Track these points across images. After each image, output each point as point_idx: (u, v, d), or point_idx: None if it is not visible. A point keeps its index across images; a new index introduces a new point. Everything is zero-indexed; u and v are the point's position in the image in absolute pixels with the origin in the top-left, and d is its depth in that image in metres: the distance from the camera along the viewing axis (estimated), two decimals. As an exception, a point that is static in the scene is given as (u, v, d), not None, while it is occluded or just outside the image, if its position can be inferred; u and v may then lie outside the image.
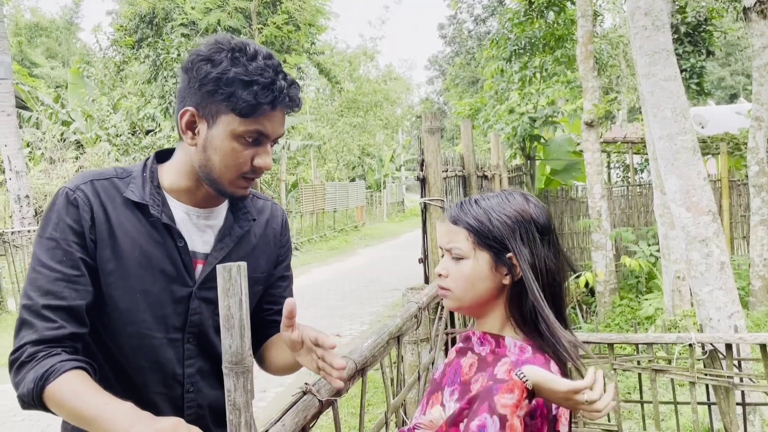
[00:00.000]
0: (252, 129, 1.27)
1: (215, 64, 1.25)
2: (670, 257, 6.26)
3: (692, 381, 2.73)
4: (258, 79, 1.24)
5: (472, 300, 1.31)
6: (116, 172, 1.37)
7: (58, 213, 1.28)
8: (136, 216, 1.33)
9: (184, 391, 1.39)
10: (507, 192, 1.34)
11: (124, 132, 17.54)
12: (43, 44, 39.54)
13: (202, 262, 1.39)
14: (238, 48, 1.27)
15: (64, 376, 1.16)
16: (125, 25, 19.65)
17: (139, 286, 1.32)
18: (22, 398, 1.19)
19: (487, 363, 1.27)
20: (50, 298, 1.22)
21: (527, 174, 9.50)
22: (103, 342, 1.34)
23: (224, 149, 1.29)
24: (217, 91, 1.25)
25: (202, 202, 1.40)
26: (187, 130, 1.31)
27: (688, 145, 4.08)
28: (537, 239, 1.28)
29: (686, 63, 9.13)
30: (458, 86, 37.34)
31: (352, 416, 4.89)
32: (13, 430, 5.13)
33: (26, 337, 1.20)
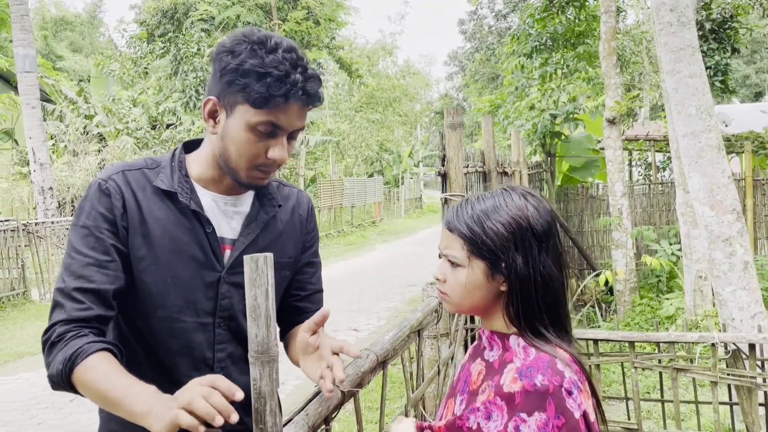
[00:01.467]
0: (265, 120, 1.29)
1: (235, 55, 1.29)
2: (692, 256, 6.19)
3: (714, 381, 2.70)
4: (272, 71, 1.26)
5: (470, 306, 1.30)
6: (146, 163, 1.42)
7: (91, 202, 1.33)
8: (166, 204, 1.37)
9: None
10: (506, 192, 1.29)
11: (143, 126, 17.72)
12: (67, 38, 40.07)
13: (230, 248, 1.42)
14: (259, 41, 1.29)
15: (91, 357, 1.19)
16: (147, 20, 19.84)
17: (170, 272, 1.36)
18: (51, 378, 1.22)
19: (494, 370, 1.25)
20: (81, 282, 1.26)
21: (547, 171, 9.43)
22: (135, 325, 1.38)
23: (239, 139, 1.32)
24: (235, 82, 1.28)
25: (228, 190, 1.44)
26: (209, 118, 1.36)
27: (713, 143, 4.03)
28: (533, 246, 1.23)
29: (711, 60, 8.99)
30: (478, 82, 37.16)
31: (370, 410, 4.91)
32: (36, 418, 5.22)
33: (56, 317, 1.25)
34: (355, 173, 29.44)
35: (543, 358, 1.18)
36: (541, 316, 1.23)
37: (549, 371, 1.15)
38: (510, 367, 1.21)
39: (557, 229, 1.29)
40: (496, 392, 1.18)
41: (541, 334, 1.23)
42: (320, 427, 1.30)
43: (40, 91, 14.42)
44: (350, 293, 10.50)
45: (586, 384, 1.20)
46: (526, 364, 1.19)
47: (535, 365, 1.17)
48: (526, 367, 1.18)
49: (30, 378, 6.32)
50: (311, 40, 20.64)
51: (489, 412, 1.18)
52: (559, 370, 1.16)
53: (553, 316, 1.25)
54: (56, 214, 13.07)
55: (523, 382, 1.15)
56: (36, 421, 5.12)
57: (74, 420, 5.13)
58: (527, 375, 1.16)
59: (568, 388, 1.14)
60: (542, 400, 1.13)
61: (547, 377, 1.14)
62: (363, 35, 79.47)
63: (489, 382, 1.23)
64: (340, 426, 4.64)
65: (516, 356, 1.22)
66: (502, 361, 1.24)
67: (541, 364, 1.17)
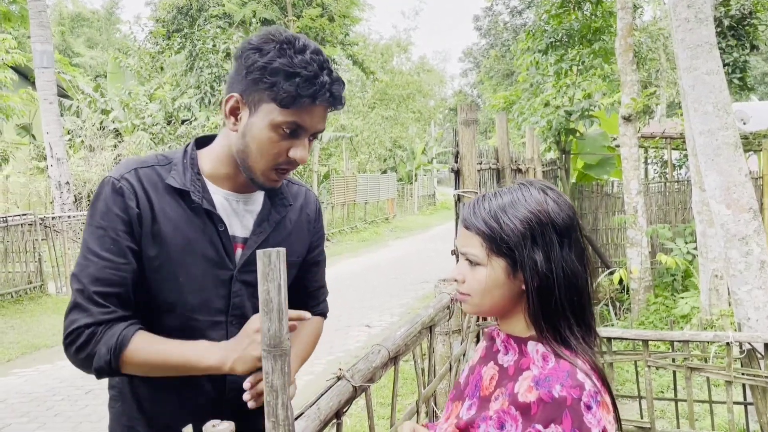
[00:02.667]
0: (290, 120, 1.29)
1: (263, 53, 1.29)
2: (708, 255, 6.13)
3: (728, 380, 2.68)
4: (301, 72, 1.26)
5: (490, 307, 1.24)
6: (157, 160, 1.41)
7: (106, 202, 1.33)
8: (178, 202, 1.37)
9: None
10: (524, 186, 1.24)
11: (159, 121, 17.85)
12: (84, 34, 40.41)
13: (241, 246, 1.43)
14: (287, 41, 1.30)
15: (135, 338, 1.27)
16: (163, 17, 19.95)
17: (182, 271, 1.36)
18: (99, 370, 1.28)
19: (509, 376, 1.20)
20: (100, 285, 1.28)
21: (562, 168, 9.37)
22: (149, 322, 1.38)
23: (262, 138, 1.31)
24: (262, 80, 1.28)
25: (241, 188, 1.44)
26: (230, 115, 1.35)
27: (730, 141, 3.99)
28: (555, 241, 1.18)
29: (729, 57, 8.88)
30: (492, 79, 36.98)
31: (381, 406, 4.91)
32: (53, 410, 5.29)
33: (80, 320, 1.27)
34: (369, 170, 29.44)
35: (563, 366, 1.13)
36: (565, 315, 1.18)
37: (568, 381, 1.10)
38: (526, 375, 1.16)
39: (579, 223, 1.24)
40: (511, 401, 1.14)
41: (563, 337, 1.18)
42: (331, 421, 1.31)
43: (58, 87, 14.56)
44: (363, 290, 10.52)
45: (606, 395, 1.14)
46: (545, 373, 1.13)
47: (554, 375, 1.12)
48: (544, 377, 1.12)
49: (46, 370, 6.40)
50: (325, 37, 20.65)
51: (502, 422, 1.14)
52: (579, 381, 1.10)
53: (578, 314, 1.20)
54: (73, 208, 13.21)
55: (539, 392, 1.10)
56: (52, 413, 5.19)
57: (90, 411, 5.19)
58: (545, 385, 1.11)
59: (587, 402, 1.09)
60: (559, 412, 1.08)
61: (566, 388, 1.09)
62: (377, 31, 79.32)
63: (502, 389, 1.18)
64: (352, 421, 4.66)
65: (533, 364, 1.17)
66: (517, 368, 1.19)
67: (560, 373, 1.12)
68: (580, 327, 1.20)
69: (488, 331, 1.37)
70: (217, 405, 1.41)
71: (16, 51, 10.91)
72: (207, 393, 1.41)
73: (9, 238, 9.84)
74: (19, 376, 6.26)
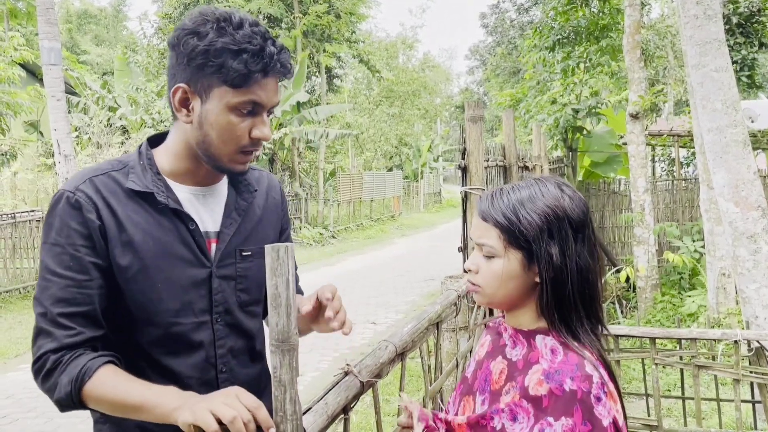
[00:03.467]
0: (246, 99, 1.25)
1: (201, 36, 1.22)
2: (716, 253, 6.11)
3: (736, 378, 2.67)
4: (247, 47, 1.21)
5: (503, 298, 1.26)
6: (111, 165, 1.34)
7: (61, 217, 1.25)
8: (143, 206, 1.30)
9: (218, 372, 1.38)
10: (541, 181, 1.26)
11: (167, 118, 17.88)
12: (91, 31, 40.54)
13: (215, 241, 1.38)
14: (224, 18, 1.24)
15: (99, 372, 1.18)
16: (170, 13, 19.99)
17: (159, 276, 1.29)
18: (60, 402, 1.20)
19: (518, 370, 1.21)
20: (63, 306, 1.21)
21: (569, 166, 9.35)
22: (131, 337, 1.32)
23: (220, 123, 1.26)
24: (207, 64, 1.22)
25: (203, 181, 1.39)
26: (180, 107, 1.29)
27: (738, 138, 3.97)
28: (570, 236, 1.20)
29: (737, 55, 8.83)
30: (499, 76, 36.89)
31: (387, 403, 4.92)
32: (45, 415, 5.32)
33: (45, 346, 1.21)
34: (375, 167, 29.45)
35: (571, 359, 1.15)
36: (576, 307, 1.20)
37: (578, 375, 1.12)
38: (536, 368, 1.18)
39: (591, 219, 1.26)
40: (522, 394, 1.16)
41: (572, 329, 1.20)
42: (339, 416, 1.31)
43: (65, 84, 14.60)
44: (368, 287, 10.52)
45: (611, 384, 1.17)
46: (554, 366, 1.15)
47: (564, 368, 1.14)
48: (554, 370, 1.14)
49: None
50: (332, 34, 20.64)
51: (515, 414, 1.16)
52: (587, 374, 1.13)
53: (588, 307, 1.22)
54: (80, 205, 13.25)
55: (550, 386, 1.13)
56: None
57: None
58: (555, 378, 1.13)
59: (597, 394, 1.11)
60: (569, 406, 1.10)
61: (576, 382, 1.11)
62: (384, 29, 79.19)
63: (513, 382, 1.20)
64: (358, 418, 4.67)
65: (542, 357, 1.19)
66: (526, 361, 1.21)
67: (570, 367, 1.14)
68: (590, 320, 1.22)
69: (493, 326, 1.38)
70: None
71: (24, 48, 10.95)
72: None
73: (17, 234, 9.90)
74: (27, 372, 6.29)
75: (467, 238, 3.85)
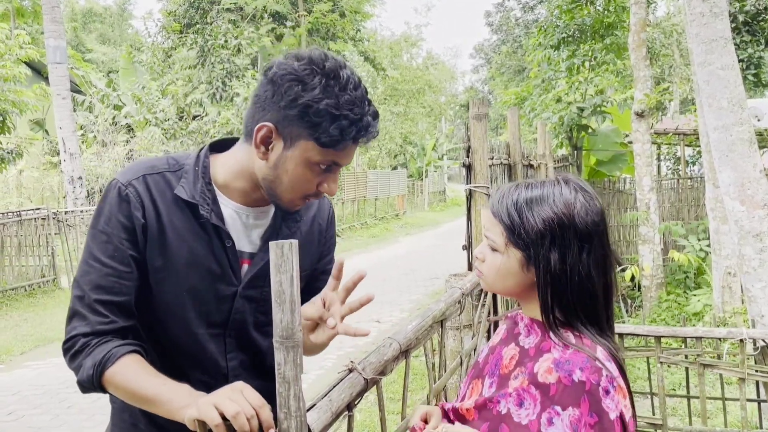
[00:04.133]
0: (329, 159, 1.26)
1: (307, 88, 1.21)
2: (721, 252, 6.09)
3: (742, 377, 2.66)
4: (348, 114, 1.22)
5: (502, 290, 1.30)
6: (168, 165, 1.36)
7: (110, 208, 1.29)
8: (185, 214, 1.32)
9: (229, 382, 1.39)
10: (559, 183, 1.24)
11: (171, 117, 17.93)
12: (96, 30, 40.65)
13: (248, 262, 1.39)
14: (333, 74, 1.23)
15: (121, 360, 1.21)
16: (174, 10, 20.01)
17: (186, 284, 1.33)
18: (81, 383, 1.25)
19: (529, 357, 1.22)
20: (101, 293, 1.25)
21: (573, 164, 9.33)
22: (152, 331, 1.37)
23: (296, 173, 1.28)
24: (304, 118, 1.22)
25: (253, 202, 1.39)
26: (260, 144, 1.28)
27: (744, 137, 3.95)
28: (574, 245, 1.18)
29: (743, 53, 8.79)
30: (504, 75, 36.84)
31: (391, 401, 4.92)
32: (66, 402, 5.34)
33: (78, 328, 1.25)
34: (379, 166, 29.42)
35: (582, 352, 1.15)
36: (576, 314, 1.20)
37: (588, 366, 1.12)
38: (547, 357, 1.18)
39: (605, 228, 1.24)
40: (531, 380, 1.16)
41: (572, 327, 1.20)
42: (343, 413, 1.31)
43: (71, 82, 14.66)
44: (373, 285, 10.53)
45: (621, 380, 1.16)
46: (565, 357, 1.15)
47: (574, 359, 1.14)
48: (565, 360, 1.14)
49: (59, 363, 6.44)
50: (336, 32, 20.64)
51: (521, 399, 1.16)
52: (597, 367, 1.12)
53: (591, 317, 1.21)
54: (85, 203, 13.31)
55: (559, 374, 1.13)
56: (66, 405, 5.24)
57: (103, 403, 5.22)
58: (565, 368, 1.13)
59: (605, 387, 1.11)
60: (577, 396, 1.11)
61: (586, 373, 1.11)
62: (389, 27, 79.27)
63: (522, 368, 1.21)
64: (362, 416, 4.67)
65: (554, 347, 1.19)
66: (538, 349, 1.22)
67: (580, 358, 1.14)
68: (593, 326, 1.22)
69: (511, 315, 1.39)
70: None
71: (30, 46, 10.98)
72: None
73: (22, 232, 9.94)
74: (33, 369, 6.32)
75: (472, 236, 3.85)
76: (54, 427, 4.80)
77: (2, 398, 5.46)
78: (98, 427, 4.77)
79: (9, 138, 11.29)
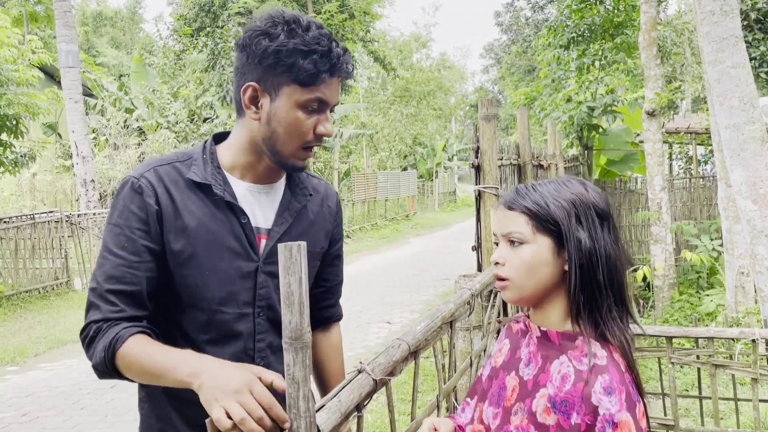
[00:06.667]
0: (313, 97, 1.32)
1: (273, 37, 1.29)
2: (734, 252, 6.04)
3: (754, 378, 2.64)
4: (316, 48, 1.29)
5: (534, 288, 1.24)
6: (177, 157, 1.42)
7: (123, 200, 1.34)
8: (200, 197, 1.37)
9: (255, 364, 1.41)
10: (564, 178, 1.29)
11: (183, 119, 18.03)
12: (107, 33, 40.97)
13: (265, 237, 1.43)
14: (293, 20, 1.31)
15: (130, 340, 1.24)
16: (185, 14, 20.12)
17: (208, 264, 1.36)
18: (96, 368, 1.27)
19: (527, 391, 1.23)
20: (113, 283, 1.29)
21: (584, 164, 9.28)
22: (176, 319, 1.40)
23: (288, 119, 1.33)
24: (278, 64, 1.29)
25: (262, 178, 1.45)
26: (250, 104, 1.35)
27: (756, 135, 3.92)
28: (597, 223, 1.22)
29: (755, 51, 8.73)
30: (514, 75, 36.74)
31: (401, 402, 4.92)
32: (79, 403, 5.38)
33: (92, 317, 1.29)
34: (389, 167, 29.44)
35: (577, 390, 1.15)
36: (606, 293, 1.21)
37: (582, 409, 1.13)
38: (542, 392, 1.19)
39: (613, 215, 1.29)
40: (530, 420, 1.19)
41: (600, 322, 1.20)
42: (352, 413, 1.31)
43: (83, 86, 14.78)
44: (383, 286, 10.53)
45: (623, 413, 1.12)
46: (561, 396, 1.16)
47: (570, 399, 1.15)
48: (561, 400, 1.16)
49: (73, 364, 6.51)
50: (345, 33, 20.68)
51: None
52: (593, 407, 1.12)
53: (617, 294, 1.23)
54: (98, 205, 13.41)
55: (558, 417, 1.15)
56: (79, 406, 5.29)
57: (116, 404, 5.27)
58: (562, 409, 1.15)
59: (601, 428, 1.12)
60: None
61: (581, 416, 1.13)
62: (397, 27, 79.18)
63: (521, 404, 1.23)
64: (372, 417, 4.67)
65: (550, 382, 1.19)
66: (535, 383, 1.22)
67: (576, 399, 1.14)
68: (619, 307, 1.24)
69: (514, 326, 1.38)
70: None
71: (42, 51, 11.08)
72: None
73: (36, 234, 10.03)
74: (46, 371, 6.38)
75: (481, 237, 3.84)
76: (67, 428, 4.84)
77: (16, 399, 5.51)
78: (110, 428, 4.80)
79: (22, 141, 11.38)
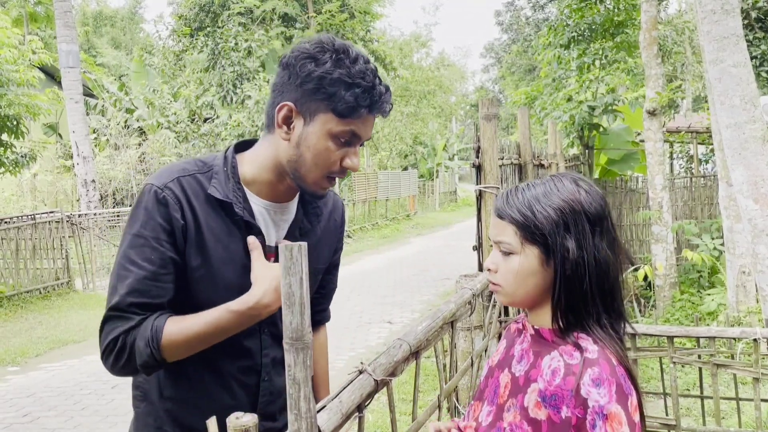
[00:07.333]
0: (348, 129, 1.30)
1: (319, 63, 1.28)
2: (735, 251, 6.03)
3: (756, 377, 2.64)
4: (360, 82, 1.27)
5: (523, 296, 1.26)
6: (197, 167, 1.39)
7: (148, 211, 1.31)
8: (218, 213, 1.37)
9: (260, 379, 1.45)
10: (556, 177, 1.27)
11: (183, 119, 18.04)
12: (108, 34, 40.96)
13: (272, 256, 1.43)
14: (342, 49, 1.29)
15: (167, 325, 1.28)
16: (185, 14, 20.13)
17: (222, 281, 1.36)
18: (144, 366, 1.29)
19: (519, 387, 1.23)
20: (137, 296, 1.28)
21: (585, 163, 9.27)
22: None
23: (318, 147, 1.31)
24: (319, 90, 1.28)
25: (279, 197, 1.44)
26: (282, 124, 1.33)
27: (757, 135, 3.92)
28: (587, 229, 1.20)
29: (756, 50, 8.72)
30: (514, 74, 36.73)
31: (402, 402, 4.92)
32: (80, 404, 5.38)
33: (119, 329, 1.28)
34: (390, 166, 29.43)
35: (568, 384, 1.15)
36: (594, 302, 1.20)
37: (572, 402, 1.13)
38: (533, 387, 1.19)
39: (609, 213, 1.26)
40: (522, 415, 1.19)
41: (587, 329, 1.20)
42: (353, 414, 1.31)
43: (83, 86, 14.78)
44: (384, 286, 10.53)
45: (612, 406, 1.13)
46: (551, 390, 1.16)
47: (559, 393, 1.15)
48: (551, 394, 1.16)
49: (74, 365, 6.51)
50: (346, 33, 20.67)
51: None
52: (582, 400, 1.12)
53: (608, 302, 1.21)
54: (98, 206, 13.42)
55: (548, 411, 1.15)
56: (80, 407, 5.29)
57: (117, 405, 5.27)
58: (552, 404, 1.15)
59: (591, 421, 1.11)
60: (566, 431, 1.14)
61: (571, 409, 1.13)
62: (397, 27, 79.21)
63: (513, 400, 1.23)
64: (374, 417, 4.67)
65: (541, 377, 1.19)
66: (526, 378, 1.23)
67: (565, 393, 1.14)
68: (609, 315, 1.22)
69: (513, 326, 1.39)
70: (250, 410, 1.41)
71: (43, 51, 11.07)
72: (239, 398, 1.43)
73: (37, 235, 10.03)
74: (48, 371, 6.38)
75: (482, 237, 3.84)
76: (68, 429, 4.84)
77: (17, 400, 5.51)
78: (112, 428, 4.80)
79: (23, 142, 11.38)
